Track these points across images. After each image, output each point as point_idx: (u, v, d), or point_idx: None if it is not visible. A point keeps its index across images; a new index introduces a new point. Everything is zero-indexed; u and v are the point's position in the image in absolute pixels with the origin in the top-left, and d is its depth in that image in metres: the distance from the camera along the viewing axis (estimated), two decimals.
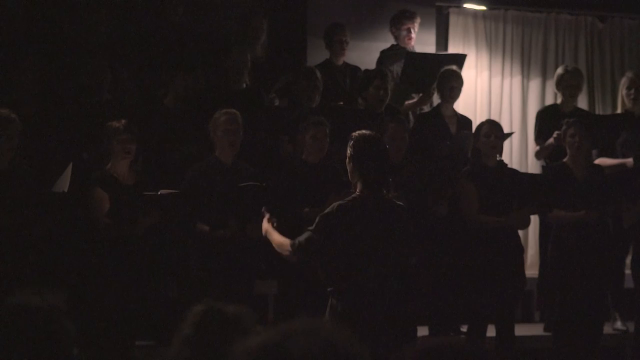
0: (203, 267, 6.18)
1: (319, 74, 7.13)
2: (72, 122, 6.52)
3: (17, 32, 7.05)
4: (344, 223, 4.60)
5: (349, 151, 4.72)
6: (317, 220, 4.66)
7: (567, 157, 6.73)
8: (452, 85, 7.28)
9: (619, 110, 7.81)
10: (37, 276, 5.72)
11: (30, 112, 6.35)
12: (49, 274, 5.87)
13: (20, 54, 6.66)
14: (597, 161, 7.20)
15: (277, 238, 4.83)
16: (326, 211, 4.66)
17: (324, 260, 4.68)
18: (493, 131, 6.49)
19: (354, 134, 4.77)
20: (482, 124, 6.67)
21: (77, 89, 6.75)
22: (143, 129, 6.35)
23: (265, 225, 4.96)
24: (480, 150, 6.50)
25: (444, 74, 7.29)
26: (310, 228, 4.66)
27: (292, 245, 4.69)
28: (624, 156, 7.20)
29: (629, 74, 7.76)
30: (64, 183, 5.79)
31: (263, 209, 5.07)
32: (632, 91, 7.52)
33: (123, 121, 6.06)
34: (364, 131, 4.79)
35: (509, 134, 7.00)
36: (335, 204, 4.68)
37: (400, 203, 4.84)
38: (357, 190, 4.69)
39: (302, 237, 4.66)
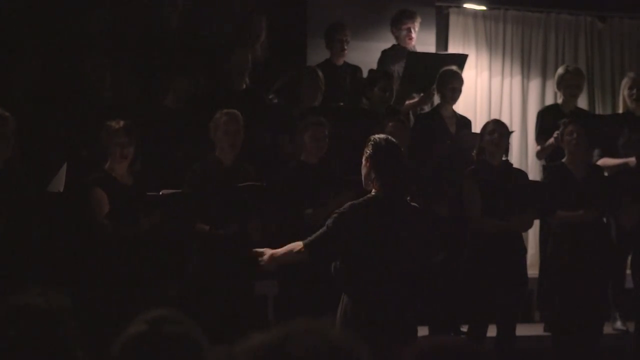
0: (203, 267, 6.18)
1: (321, 74, 7.13)
2: (71, 121, 6.52)
3: (17, 31, 7.05)
4: (356, 222, 4.60)
5: (367, 152, 4.72)
6: (330, 218, 4.66)
7: (566, 157, 6.73)
8: (454, 86, 7.28)
9: (620, 111, 7.81)
10: (34, 277, 5.71)
11: (29, 111, 6.34)
12: (47, 275, 5.86)
13: (20, 53, 6.66)
14: (600, 162, 7.20)
15: (285, 249, 4.79)
16: (339, 210, 4.67)
17: (336, 259, 4.67)
18: (497, 129, 6.48)
19: (374, 136, 4.78)
20: (487, 123, 6.67)
21: (76, 89, 6.75)
22: (143, 129, 6.35)
23: (266, 255, 4.83)
24: (485, 149, 6.49)
25: (444, 74, 7.29)
26: (322, 227, 4.66)
27: (305, 246, 4.68)
28: (626, 156, 7.20)
29: (631, 75, 7.76)
30: (59, 183, 5.79)
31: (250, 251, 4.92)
32: (635, 91, 7.52)
33: (122, 122, 6.04)
34: (383, 134, 4.82)
35: (509, 133, 7.00)
36: (349, 204, 4.69)
37: (417, 205, 4.82)
38: (373, 191, 4.69)
39: (313, 236, 4.67)
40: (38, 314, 2.31)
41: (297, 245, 4.72)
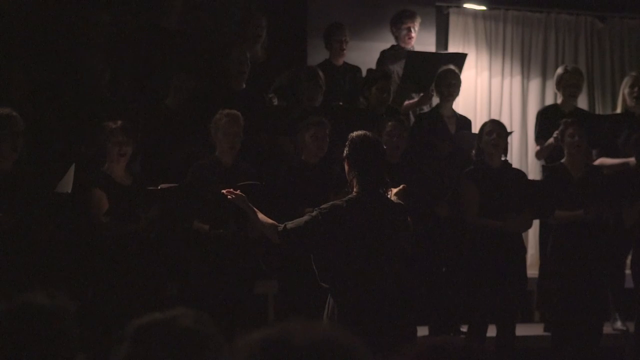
0: (203, 268, 6.18)
1: (321, 74, 7.13)
2: (71, 121, 6.52)
3: (16, 31, 7.05)
4: (336, 223, 4.57)
5: (345, 151, 4.72)
6: (312, 213, 4.64)
7: (565, 157, 6.74)
8: (450, 82, 7.27)
9: (618, 110, 7.82)
10: (41, 277, 5.70)
11: (29, 112, 6.33)
12: (54, 275, 5.85)
13: (20, 53, 6.66)
14: (598, 161, 7.20)
15: (264, 218, 4.75)
16: (322, 207, 4.65)
17: (315, 257, 4.66)
18: (495, 129, 6.47)
19: (351, 134, 4.76)
20: (485, 123, 6.67)
21: (75, 88, 6.75)
22: (144, 129, 6.34)
23: (242, 201, 4.82)
24: (484, 150, 6.48)
25: (441, 73, 7.29)
26: (304, 219, 4.65)
27: (279, 229, 4.64)
28: (626, 156, 7.20)
29: (633, 73, 7.80)
30: (66, 184, 5.78)
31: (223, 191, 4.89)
32: (636, 89, 7.53)
33: (119, 122, 6.05)
34: (361, 132, 4.78)
35: (509, 133, 7.01)
36: (330, 203, 4.66)
37: (399, 202, 4.82)
38: (354, 191, 4.67)
39: (291, 224, 4.63)
40: (43, 314, 2.31)
41: (274, 225, 4.67)
